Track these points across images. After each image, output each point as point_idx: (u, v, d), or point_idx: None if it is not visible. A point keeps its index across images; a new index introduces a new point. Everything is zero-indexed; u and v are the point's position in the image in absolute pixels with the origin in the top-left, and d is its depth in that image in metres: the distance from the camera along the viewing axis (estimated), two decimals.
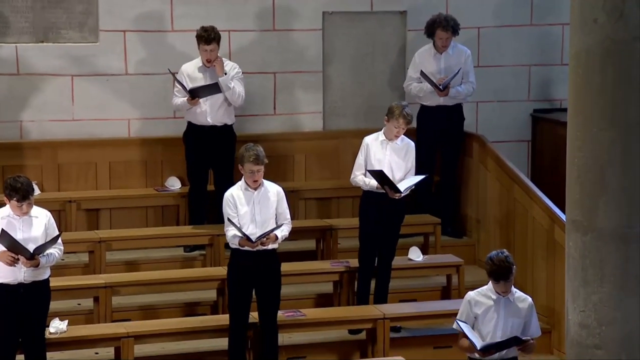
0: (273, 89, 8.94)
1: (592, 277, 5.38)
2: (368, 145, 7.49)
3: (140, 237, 8.06)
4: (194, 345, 7.18)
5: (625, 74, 5.20)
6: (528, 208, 8.05)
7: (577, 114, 5.38)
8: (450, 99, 8.59)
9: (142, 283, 7.51)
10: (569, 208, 5.53)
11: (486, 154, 8.62)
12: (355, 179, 7.53)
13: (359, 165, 7.51)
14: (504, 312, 5.92)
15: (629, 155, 5.26)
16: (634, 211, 5.29)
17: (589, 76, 5.29)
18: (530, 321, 5.98)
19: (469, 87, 8.64)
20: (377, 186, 7.39)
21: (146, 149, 8.64)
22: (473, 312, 5.96)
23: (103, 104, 8.60)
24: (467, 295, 6.04)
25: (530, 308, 5.98)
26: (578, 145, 5.39)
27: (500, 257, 5.90)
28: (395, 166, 7.46)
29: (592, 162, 5.34)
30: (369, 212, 7.50)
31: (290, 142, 8.89)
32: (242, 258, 6.75)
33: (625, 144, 5.26)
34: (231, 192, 6.80)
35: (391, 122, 7.42)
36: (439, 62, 8.61)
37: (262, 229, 6.70)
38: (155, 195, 8.53)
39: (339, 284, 7.78)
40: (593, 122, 5.30)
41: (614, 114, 5.25)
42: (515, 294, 5.99)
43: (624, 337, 5.37)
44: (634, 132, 5.24)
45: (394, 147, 7.49)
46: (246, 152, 6.71)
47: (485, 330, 5.92)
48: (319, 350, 7.32)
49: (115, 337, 6.86)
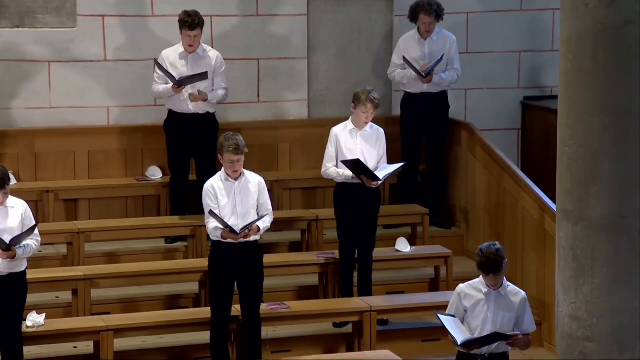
0: (257, 75, 8.91)
1: (583, 268, 5.38)
2: (337, 136, 7.48)
3: (120, 228, 8.03)
4: (176, 339, 7.16)
5: (617, 60, 5.20)
6: (518, 198, 8.06)
7: (567, 101, 5.38)
8: (434, 86, 8.59)
9: (122, 275, 7.49)
10: (559, 197, 5.53)
11: (475, 143, 8.62)
12: (327, 172, 7.51)
13: (329, 157, 7.49)
14: (494, 306, 5.92)
15: (621, 142, 5.26)
16: (626, 200, 5.30)
17: (580, 62, 5.28)
18: (523, 316, 5.97)
19: (453, 74, 8.64)
20: (352, 176, 7.38)
21: (126, 138, 8.60)
22: (462, 305, 5.96)
23: (81, 91, 8.56)
24: (458, 287, 6.04)
25: (523, 302, 5.97)
26: (569, 133, 5.38)
27: (491, 249, 5.89)
28: (368, 155, 7.46)
29: (583, 151, 5.34)
30: (344, 203, 7.49)
31: (275, 130, 8.87)
32: (223, 250, 6.74)
33: (617, 131, 5.26)
34: (211, 183, 6.78)
35: (359, 108, 7.41)
36: (422, 48, 8.60)
37: (244, 221, 6.68)
38: (136, 185, 8.50)
39: (324, 275, 7.77)
40: (584, 110, 5.30)
41: (606, 101, 5.24)
42: (507, 287, 5.98)
43: (615, 329, 5.37)
44: (626, 120, 5.24)
45: (364, 135, 7.48)
46: (225, 142, 6.69)
47: (474, 324, 5.91)
48: (304, 343, 7.32)
49: (94, 330, 6.84)
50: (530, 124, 9.37)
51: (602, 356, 5.39)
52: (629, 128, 5.24)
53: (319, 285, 7.82)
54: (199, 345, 7.06)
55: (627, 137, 5.25)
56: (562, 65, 5.41)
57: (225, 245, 6.70)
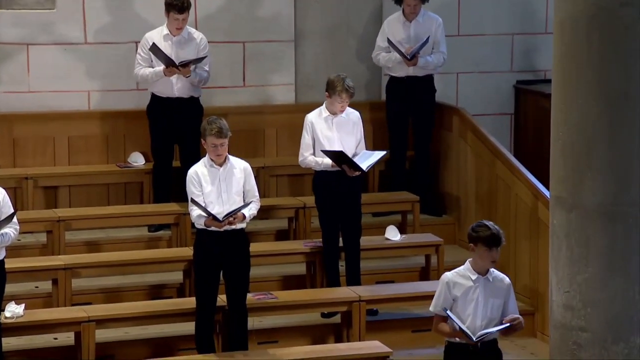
0: (242, 59, 8.89)
1: (577, 257, 5.40)
2: (313, 124, 7.47)
3: (102, 216, 8.02)
4: (160, 330, 7.16)
5: (612, 43, 5.21)
6: (510, 184, 8.08)
7: (561, 85, 5.39)
8: (420, 70, 8.59)
9: (103, 264, 7.48)
10: (553, 184, 5.55)
11: (467, 128, 8.64)
12: (305, 161, 7.50)
13: (306, 146, 7.48)
14: (484, 293, 5.94)
15: (616, 127, 5.28)
16: (621, 187, 5.32)
17: (574, 45, 5.29)
18: (508, 302, 5.99)
19: (439, 57, 8.64)
20: (331, 165, 7.38)
21: (107, 123, 8.58)
22: (452, 294, 5.97)
23: (61, 74, 8.53)
24: (444, 276, 6.04)
25: (508, 288, 6.00)
26: (563, 118, 5.40)
27: (490, 223, 5.91)
28: (346, 142, 7.46)
29: (577, 136, 5.36)
30: (324, 192, 7.49)
31: (261, 115, 8.87)
32: (208, 239, 6.73)
33: (612, 116, 5.27)
34: (195, 169, 6.77)
35: (333, 97, 7.41)
36: (408, 31, 8.60)
37: (229, 208, 6.68)
38: (118, 172, 8.49)
39: (312, 264, 7.78)
40: (578, 94, 5.31)
41: (601, 85, 5.26)
42: (493, 273, 6.01)
43: (610, 318, 5.40)
44: (621, 104, 5.26)
45: (340, 122, 7.49)
46: (208, 126, 6.68)
47: (465, 313, 5.93)
48: (292, 334, 7.33)
49: (75, 321, 6.83)
50: (523, 108, 9.39)
51: (597, 346, 5.42)
52: (625, 112, 5.25)
53: (307, 274, 7.83)
54: (184, 336, 7.06)
55: (622, 122, 5.27)
56: (556, 48, 5.42)
57: (210, 233, 6.70)
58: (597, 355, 5.39)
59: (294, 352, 6.82)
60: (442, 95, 8.92)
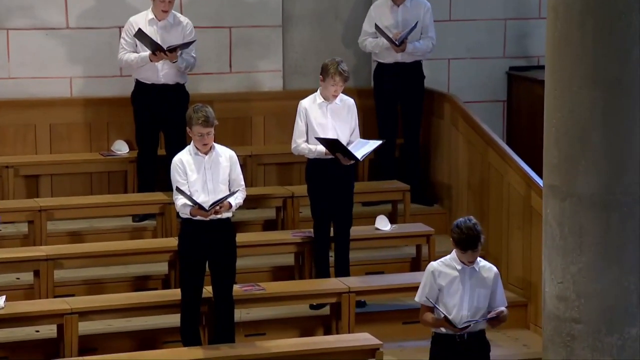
0: (229, 45, 8.86)
1: (570, 246, 5.41)
2: (307, 110, 7.46)
3: (85, 206, 8.00)
4: (144, 322, 7.15)
5: (607, 28, 5.20)
6: (503, 173, 8.08)
7: (555, 71, 5.38)
8: (408, 56, 8.58)
9: (86, 255, 7.46)
10: (546, 173, 5.55)
11: (458, 115, 8.63)
12: (298, 148, 7.49)
13: (300, 132, 7.47)
14: (470, 283, 5.95)
15: (611, 115, 5.28)
16: (616, 175, 5.32)
17: (568, 30, 5.28)
18: (496, 291, 6.01)
19: (428, 43, 8.62)
20: (325, 152, 7.37)
21: (90, 110, 8.55)
22: (437, 284, 5.98)
23: (42, 60, 8.49)
24: (430, 266, 6.06)
25: (496, 277, 6.02)
26: (556, 104, 5.39)
27: (469, 224, 5.91)
28: (340, 129, 7.45)
29: (571, 123, 5.36)
30: (317, 179, 7.49)
31: (248, 102, 8.84)
32: (194, 228, 6.72)
33: (607, 102, 5.27)
34: (180, 157, 6.75)
35: (327, 81, 7.40)
36: (395, 16, 8.58)
37: (215, 197, 6.67)
38: (101, 160, 8.46)
39: (300, 255, 7.78)
40: (572, 80, 5.30)
41: (595, 71, 5.25)
42: (480, 263, 6.02)
43: (604, 310, 5.41)
44: (615, 90, 5.26)
45: (334, 109, 7.47)
46: (194, 114, 6.66)
47: (451, 303, 5.94)
48: (280, 326, 7.33)
49: (57, 313, 6.82)
50: (516, 95, 9.39)
51: (590, 338, 5.43)
52: (619, 99, 5.25)
53: (295, 265, 7.82)
54: (169, 328, 7.05)
55: (617, 109, 5.27)
56: (550, 33, 5.41)
57: (195, 222, 6.68)
58: (591, 347, 5.40)
59: (282, 345, 6.81)
60: (433, 82, 8.91)
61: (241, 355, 6.63)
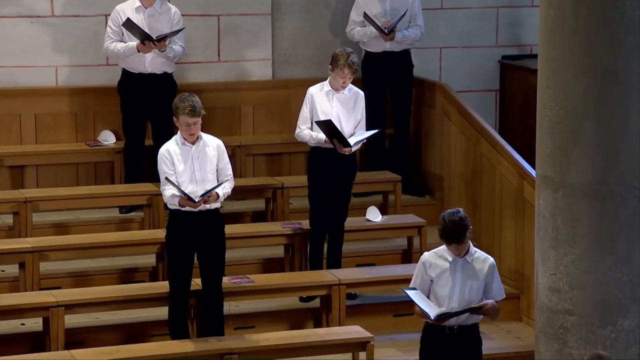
0: (217, 33, 8.85)
1: (563, 238, 5.44)
2: (313, 97, 7.48)
3: (71, 197, 7.99)
4: (131, 315, 7.16)
5: (601, 16, 5.22)
6: (495, 163, 8.10)
7: (548, 60, 5.40)
8: (397, 44, 8.59)
9: (73, 247, 7.46)
10: (539, 163, 5.57)
11: (450, 105, 8.65)
12: (301, 134, 7.52)
13: (304, 119, 7.49)
14: (461, 275, 5.96)
15: (604, 104, 5.30)
16: (609, 165, 5.35)
17: (562, 19, 5.30)
18: (491, 283, 6.01)
19: (416, 31, 8.64)
20: (325, 140, 7.39)
21: (76, 100, 8.54)
22: (428, 275, 6.00)
23: (27, 49, 8.47)
24: (422, 256, 6.08)
25: (491, 269, 6.00)
26: (549, 94, 5.41)
27: (454, 217, 5.89)
28: (344, 118, 7.46)
29: (564, 113, 5.38)
30: (318, 169, 7.50)
31: (237, 92, 8.84)
32: (182, 219, 6.73)
33: (600, 92, 5.29)
34: (167, 147, 6.76)
35: (335, 72, 7.42)
36: (383, 4, 8.59)
37: (202, 187, 6.68)
38: (87, 151, 8.45)
39: (290, 247, 7.79)
40: (566, 69, 5.32)
41: (588, 60, 5.27)
42: (474, 254, 6.02)
43: (597, 301, 5.44)
44: (609, 80, 5.28)
45: (341, 98, 7.49)
46: (181, 103, 6.67)
47: (441, 294, 5.96)
48: (269, 319, 7.34)
49: (43, 306, 6.82)
50: (509, 84, 9.41)
51: (583, 330, 5.46)
52: (613, 88, 5.27)
53: (285, 257, 7.84)
54: (156, 321, 7.06)
55: (610, 98, 5.29)
56: (543, 22, 5.43)
57: (184, 213, 6.69)
58: (584, 339, 5.43)
59: (272, 338, 6.83)
60: (425, 71, 8.93)
61: (230, 348, 6.65)
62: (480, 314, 5.97)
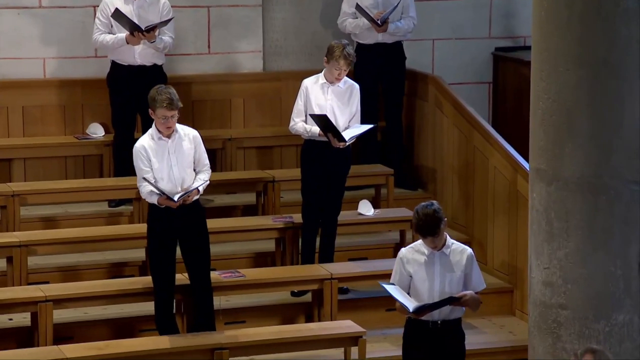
0: (207, 24, 8.84)
1: (557, 231, 5.44)
2: (307, 89, 7.47)
3: (59, 191, 7.97)
4: (120, 309, 7.15)
5: (595, 7, 5.22)
6: (488, 156, 8.11)
7: (541, 51, 5.40)
8: (390, 36, 8.58)
9: (61, 241, 7.44)
10: (532, 156, 5.57)
11: (443, 98, 8.65)
12: (295, 127, 7.51)
13: (298, 111, 7.49)
14: (440, 268, 5.94)
15: (598, 97, 5.30)
16: (602, 158, 5.35)
17: (555, 10, 5.30)
18: (470, 274, 5.99)
19: (409, 23, 8.63)
20: (319, 133, 7.38)
21: (64, 92, 8.52)
22: (406, 271, 5.99)
23: (14, 40, 8.44)
24: (400, 252, 6.08)
25: (469, 260, 5.98)
26: (543, 86, 5.41)
27: (427, 210, 5.87)
28: (338, 111, 7.45)
29: (557, 105, 5.38)
30: (311, 162, 7.49)
31: (227, 84, 8.83)
32: (162, 213, 6.66)
33: (594, 84, 5.29)
34: (142, 143, 6.69)
35: (331, 63, 7.40)
36: None
37: (180, 183, 6.63)
38: (76, 144, 8.43)
39: (281, 241, 7.78)
40: (559, 61, 5.32)
41: (582, 52, 5.27)
42: (451, 246, 6.00)
43: (591, 295, 5.45)
44: (603, 72, 5.28)
45: (336, 91, 7.48)
46: (158, 96, 6.61)
47: (421, 289, 5.95)
48: (260, 314, 7.34)
49: (31, 301, 6.81)
50: (502, 77, 9.41)
51: (577, 324, 5.47)
52: (606, 80, 5.27)
53: (276, 251, 7.83)
54: (146, 316, 7.05)
55: (604, 90, 5.29)
56: (536, 13, 5.42)
57: (163, 208, 6.64)
58: (577, 333, 5.44)
59: (263, 333, 6.83)
60: (417, 63, 8.92)
61: (221, 344, 6.64)
62: (460, 305, 5.93)
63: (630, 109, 5.31)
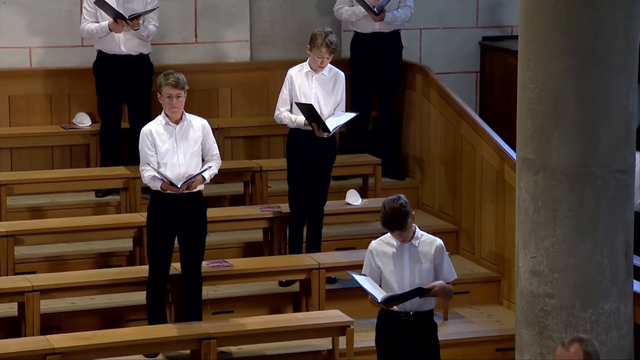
0: (194, 14, 8.82)
1: (544, 220, 5.46)
2: (292, 78, 7.47)
3: (46, 180, 7.97)
4: (108, 299, 7.16)
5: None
6: (476, 146, 8.13)
7: (529, 41, 5.42)
8: (386, 25, 8.58)
9: (48, 231, 7.44)
10: (519, 145, 5.59)
11: (430, 87, 8.66)
12: (280, 116, 7.51)
13: (283, 101, 7.49)
14: (409, 260, 5.95)
15: (585, 86, 5.32)
16: (589, 148, 5.37)
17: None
18: (441, 264, 5.99)
19: (406, 12, 8.63)
20: (304, 123, 7.39)
21: (51, 81, 8.50)
22: (376, 264, 6.00)
23: (0, 29, 8.41)
24: (369, 245, 6.08)
25: (439, 250, 5.99)
26: (530, 75, 5.43)
27: (394, 204, 5.87)
28: (323, 100, 7.46)
29: (544, 94, 5.40)
30: (297, 152, 7.50)
31: (214, 74, 8.82)
32: (163, 201, 6.68)
33: (581, 73, 5.31)
34: (149, 127, 6.71)
35: (314, 51, 7.41)
36: None
37: (185, 169, 6.65)
38: (62, 134, 8.42)
39: (269, 231, 7.79)
40: (546, 50, 5.34)
41: (569, 41, 5.29)
42: (421, 237, 6.00)
43: (578, 284, 5.48)
44: (590, 61, 5.30)
45: (320, 79, 7.48)
46: (164, 78, 6.63)
47: (392, 280, 5.96)
48: (248, 303, 7.35)
49: (18, 291, 6.80)
50: (490, 66, 9.42)
51: (564, 313, 5.50)
52: (594, 69, 5.29)
53: (264, 241, 7.84)
54: (133, 306, 7.06)
55: (591, 79, 5.31)
56: (523, 2, 5.44)
57: (165, 195, 6.66)
58: (564, 322, 5.47)
59: (251, 322, 6.84)
60: (405, 53, 8.92)
61: (208, 333, 6.65)
62: (431, 295, 5.93)
63: (617, 98, 5.33)
